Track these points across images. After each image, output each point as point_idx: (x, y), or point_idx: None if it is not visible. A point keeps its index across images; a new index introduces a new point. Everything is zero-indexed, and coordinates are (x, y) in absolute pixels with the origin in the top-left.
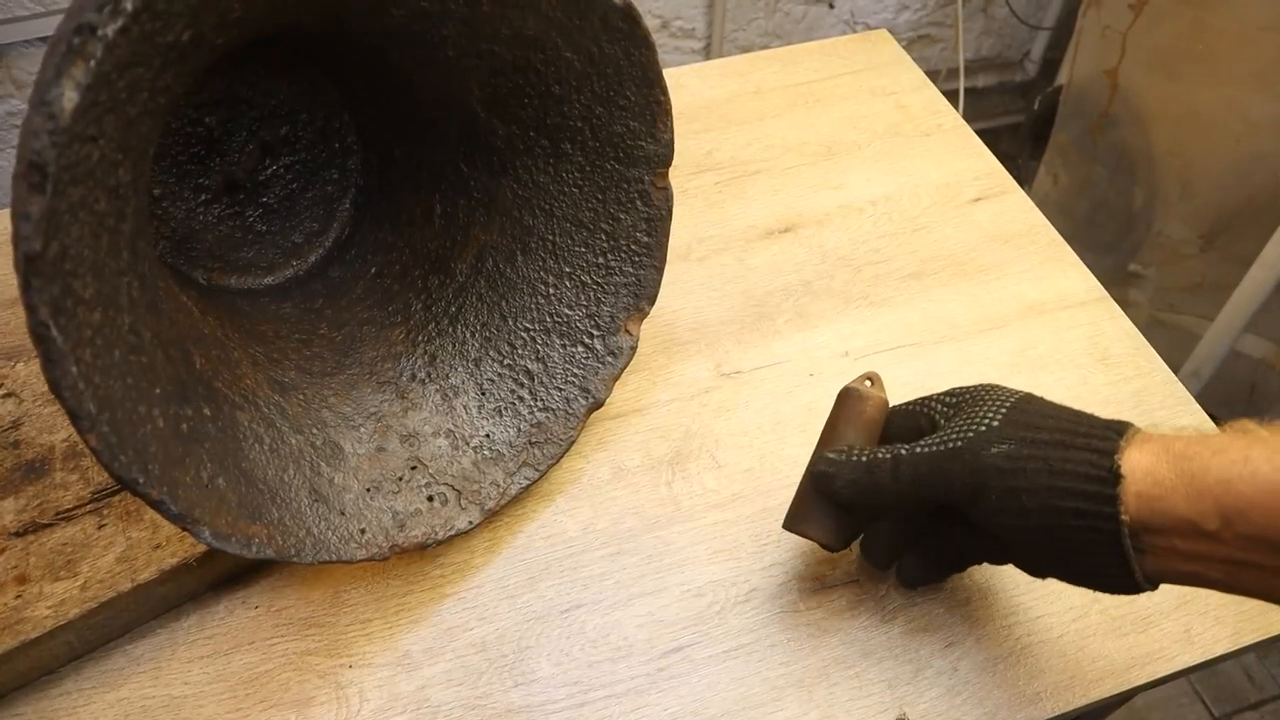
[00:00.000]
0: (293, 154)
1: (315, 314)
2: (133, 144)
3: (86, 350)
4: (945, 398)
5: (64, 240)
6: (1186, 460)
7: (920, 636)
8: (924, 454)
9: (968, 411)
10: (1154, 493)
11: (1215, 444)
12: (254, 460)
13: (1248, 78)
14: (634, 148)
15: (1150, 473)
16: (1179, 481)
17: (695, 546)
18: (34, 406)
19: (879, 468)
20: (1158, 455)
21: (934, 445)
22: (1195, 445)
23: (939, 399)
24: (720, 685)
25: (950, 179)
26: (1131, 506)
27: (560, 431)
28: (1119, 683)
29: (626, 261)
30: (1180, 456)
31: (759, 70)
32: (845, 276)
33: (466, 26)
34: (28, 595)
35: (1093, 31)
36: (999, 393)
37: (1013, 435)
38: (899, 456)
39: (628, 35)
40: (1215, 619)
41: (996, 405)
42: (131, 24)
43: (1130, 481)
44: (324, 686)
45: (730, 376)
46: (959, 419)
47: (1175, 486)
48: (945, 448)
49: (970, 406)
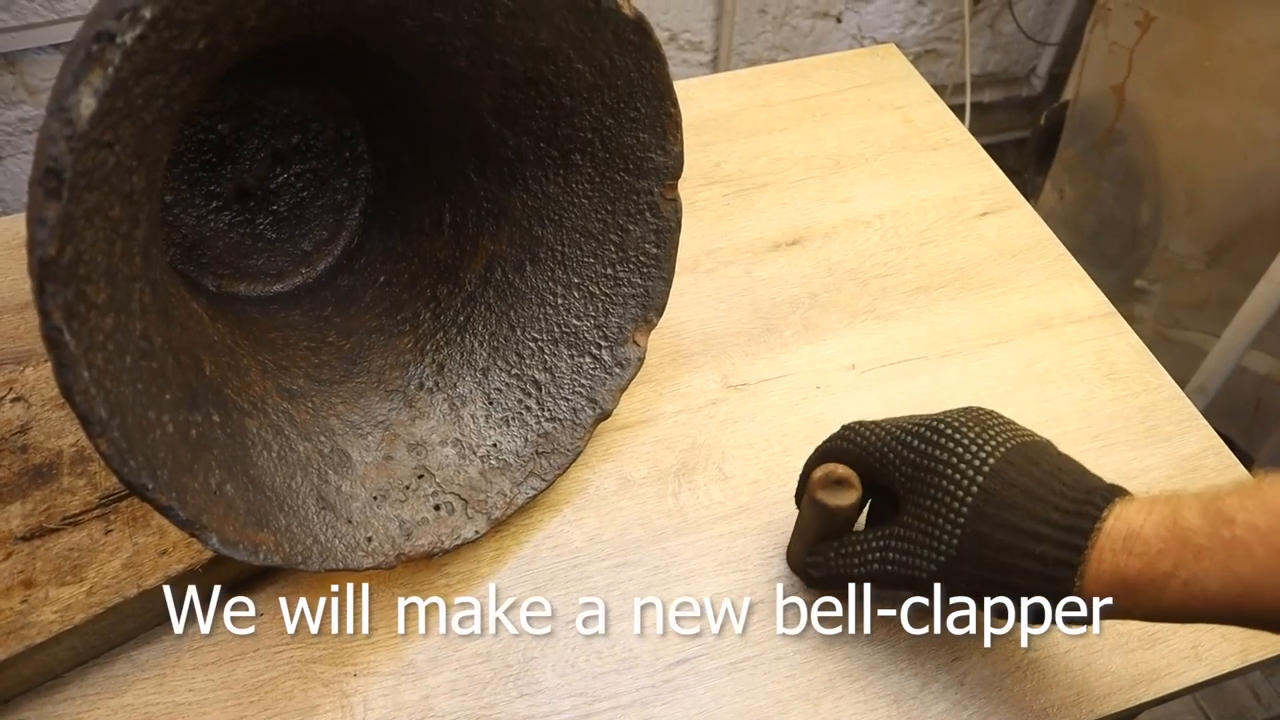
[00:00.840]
0: (303, 162)
1: (324, 322)
2: (147, 151)
3: (98, 355)
4: (905, 466)
5: (78, 245)
6: (1140, 593)
7: (926, 650)
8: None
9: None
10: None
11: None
12: (262, 467)
13: (1255, 94)
14: (644, 159)
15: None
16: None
17: (701, 558)
18: (43, 411)
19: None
20: (1115, 589)
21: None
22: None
23: (900, 458)
24: (725, 698)
25: (957, 193)
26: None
27: (567, 442)
28: (1126, 699)
29: (635, 273)
30: (1135, 589)
31: (767, 83)
32: (852, 289)
33: (479, 38)
34: (34, 600)
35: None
36: (958, 482)
37: (970, 573)
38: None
39: (639, 48)
40: (1223, 635)
41: (954, 515)
42: (150, 31)
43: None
44: (329, 695)
45: (737, 388)
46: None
47: (1136, 612)
48: (910, 574)
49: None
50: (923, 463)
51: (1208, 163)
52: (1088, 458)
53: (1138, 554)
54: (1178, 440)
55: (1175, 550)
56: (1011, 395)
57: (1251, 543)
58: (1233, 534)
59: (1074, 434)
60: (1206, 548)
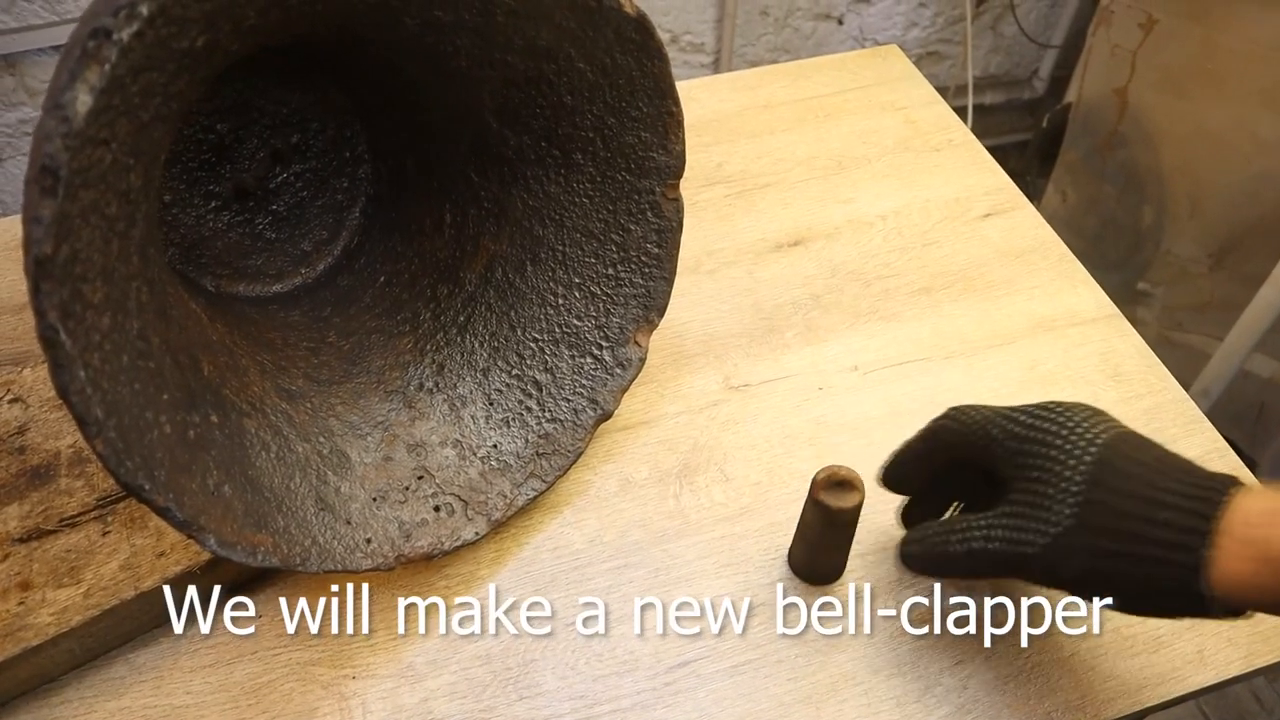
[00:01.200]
0: (303, 162)
1: (324, 322)
2: (145, 149)
3: (95, 355)
4: (1010, 433)
5: (74, 244)
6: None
7: (929, 653)
8: (998, 551)
9: (1039, 481)
10: (1256, 597)
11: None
12: (260, 468)
13: (1257, 97)
14: (645, 159)
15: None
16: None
17: (703, 560)
18: (40, 412)
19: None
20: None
21: (1013, 543)
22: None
23: (1002, 432)
24: (727, 700)
25: (960, 194)
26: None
27: (568, 443)
28: (1131, 703)
29: (636, 273)
30: None
31: (769, 84)
32: (855, 290)
33: (480, 37)
34: (30, 601)
35: (1102, 50)
36: (1069, 452)
37: (1089, 545)
38: (973, 552)
39: (641, 46)
40: (1228, 640)
41: (1067, 484)
42: (147, 29)
43: (1228, 590)
44: (327, 698)
45: (739, 389)
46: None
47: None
48: (1018, 551)
49: (1036, 465)
50: (1031, 436)
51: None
52: None
53: None
54: (1183, 443)
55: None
56: (1015, 397)
57: None
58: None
59: None
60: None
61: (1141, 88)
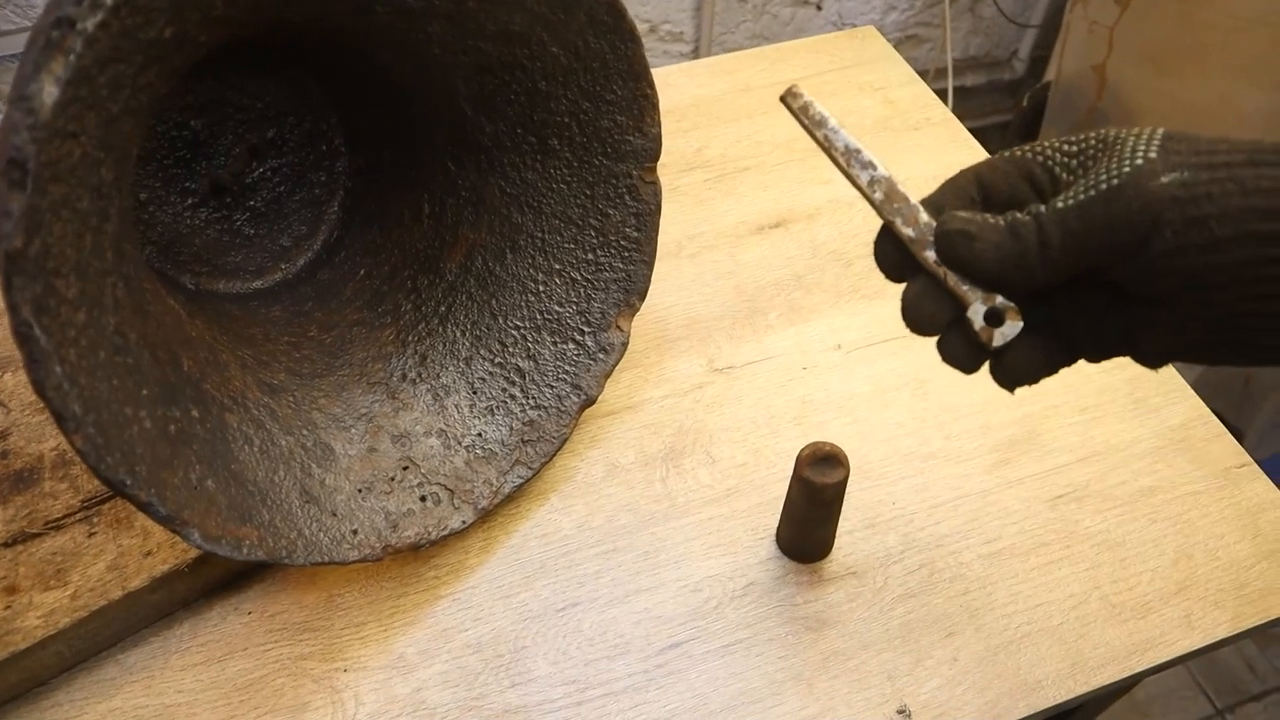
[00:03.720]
0: (280, 157)
1: (304, 316)
2: (115, 143)
3: (71, 350)
4: (1063, 147)
5: (46, 238)
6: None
7: (919, 627)
8: (1073, 205)
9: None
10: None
11: None
12: (244, 462)
13: (1237, 71)
14: (621, 142)
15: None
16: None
17: (691, 542)
18: (22, 416)
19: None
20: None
21: (1081, 194)
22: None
23: (1054, 148)
24: (719, 680)
25: (940, 172)
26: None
27: (553, 429)
28: (1120, 669)
29: (616, 257)
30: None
31: (747, 68)
32: (836, 270)
33: (452, 24)
34: (17, 605)
35: (1080, 27)
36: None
37: (1184, 162)
38: (1040, 215)
39: (613, 29)
40: (1215, 603)
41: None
42: (111, 18)
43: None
44: (319, 691)
45: (723, 372)
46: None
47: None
48: (1098, 191)
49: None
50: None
51: None
52: (1076, 430)
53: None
54: (1165, 411)
55: None
56: None
57: None
58: None
59: (1062, 407)
60: None
61: (1120, 64)
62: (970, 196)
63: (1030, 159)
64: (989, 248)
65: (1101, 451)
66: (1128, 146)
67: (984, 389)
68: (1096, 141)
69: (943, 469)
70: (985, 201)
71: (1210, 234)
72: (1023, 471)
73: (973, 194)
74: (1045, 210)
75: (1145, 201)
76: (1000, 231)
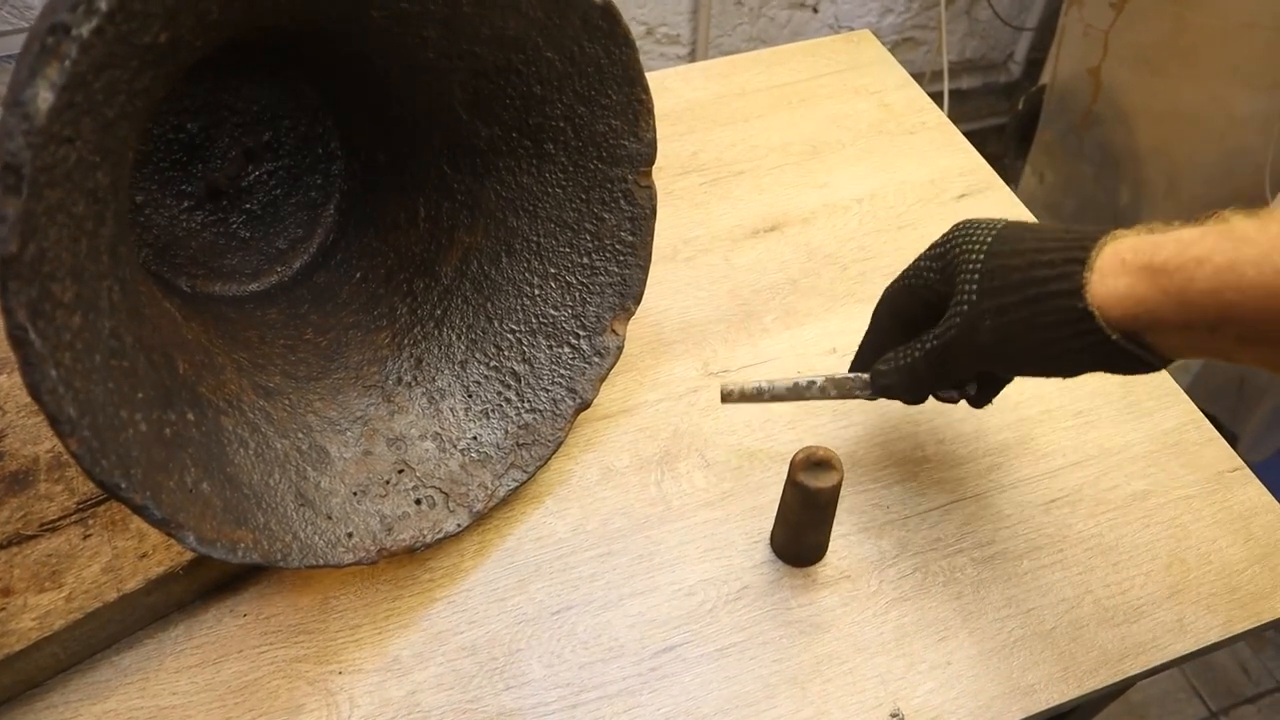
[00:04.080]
0: (276, 160)
1: (300, 319)
2: (111, 147)
3: (66, 354)
4: (932, 262)
5: (41, 243)
6: (1168, 275)
7: (913, 631)
8: (936, 348)
9: (952, 276)
10: (1140, 312)
11: (1197, 251)
12: (239, 465)
13: (1230, 73)
14: (616, 147)
15: (1131, 295)
16: (1164, 299)
17: (685, 545)
18: (17, 418)
19: (914, 369)
20: (1137, 276)
21: (938, 338)
22: (1177, 256)
23: (927, 264)
24: (713, 684)
25: (935, 176)
26: (1120, 325)
27: (548, 433)
28: (1113, 673)
29: (611, 261)
30: (1161, 272)
31: (743, 72)
32: (831, 274)
33: (447, 28)
34: (12, 607)
35: (1075, 30)
36: (972, 242)
37: (991, 305)
38: (914, 360)
39: (608, 34)
40: (1207, 607)
41: (972, 266)
42: (106, 24)
43: (1110, 307)
44: (314, 694)
45: (718, 375)
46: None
47: (1161, 303)
48: (946, 339)
49: (953, 268)
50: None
51: (1185, 143)
52: (1070, 434)
53: (1169, 243)
54: (1159, 415)
55: (1215, 238)
56: None
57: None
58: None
59: (1056, 411)
60: (1251, 238)
61: (1115, 67)
62: (887, 325)
63: (915, 284)
64: (895, 384)
65: (1095, 456)
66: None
67: None
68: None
69: (936, 473)
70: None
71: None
72: (1016, 475)
73: (887, 323)
74: (918, 355)
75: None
76: (899, 371)
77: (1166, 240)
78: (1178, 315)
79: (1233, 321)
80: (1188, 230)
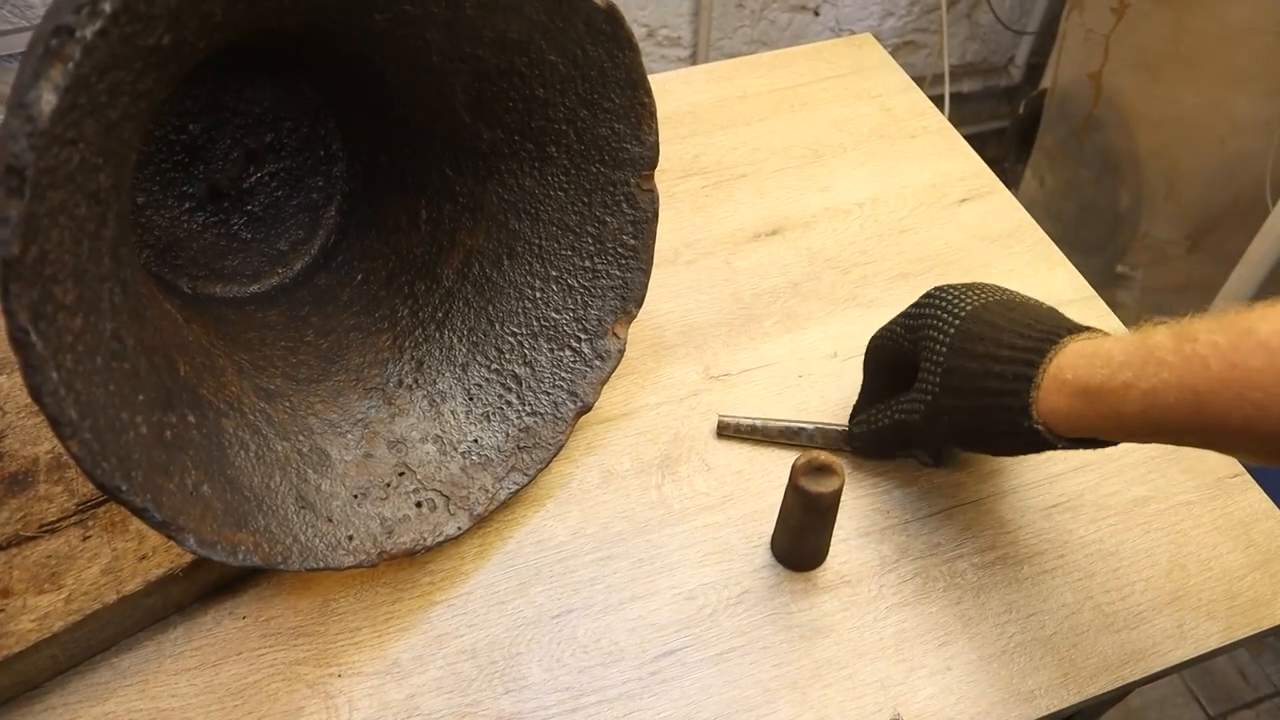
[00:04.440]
0: (277, 161)
1: (301, 321)
2: (114, 149)
3: (67, 356)
4: (904, 331)
5: (43, 245)
6: (1102, 399)
7: (913, 636)
8: (901, 422)
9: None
10: (1082, 425)
11: (1124, 376)
12: (239, 467)
13: (1230, 78)
14: (619, 150)
15: (1071, 414)
16: (1101, 419)
17: (686, 549)
18: (17, 419)
19: (881, 435)
20: (1075, 398)
21: (905, 414)
22: (1109, 381)
23: (901, 330)
24: (713, 688)
25: (936, 180)
26: (1065, 435)
27: (549, 436)
28: (1113, 679)
29: (613, 264)
30: (1096, 396)
31: (745, 75)
32: (833, 278)
33: (449, 31)
34: (11, 609)
35: (1076, 35)
36: (939, 324)
37: (949, 404)
38: (883, 427)
39: (611, 37)
40: (1207, 614)
41: (937, 356)
42: (110, 26)
43: (1055, 423)
44: (313, 696)
45: (719, 379)
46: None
47: (1100, 422)
48: (911, 420)
49: (921, 343)
50: (918, 324)
51: (1186, 147)
52: None
53: (1101, 366)
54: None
55: (1139, 363)
56: None
57: (1208, 357)
58: (1193, 349)
59: None
60: (1168, 361)
61: (1115, 72)
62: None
63: (889, 345)
64: (864, 446)
65: (1095, 461)
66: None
67: None
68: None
69: (937, 478)
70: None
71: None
72: (1017, 481)
73: (871, 372)
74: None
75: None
76: (867, 436)
77: (1098, 363)
78: (1116, 429)
79: (1164, 433)
80: (1116, 348)
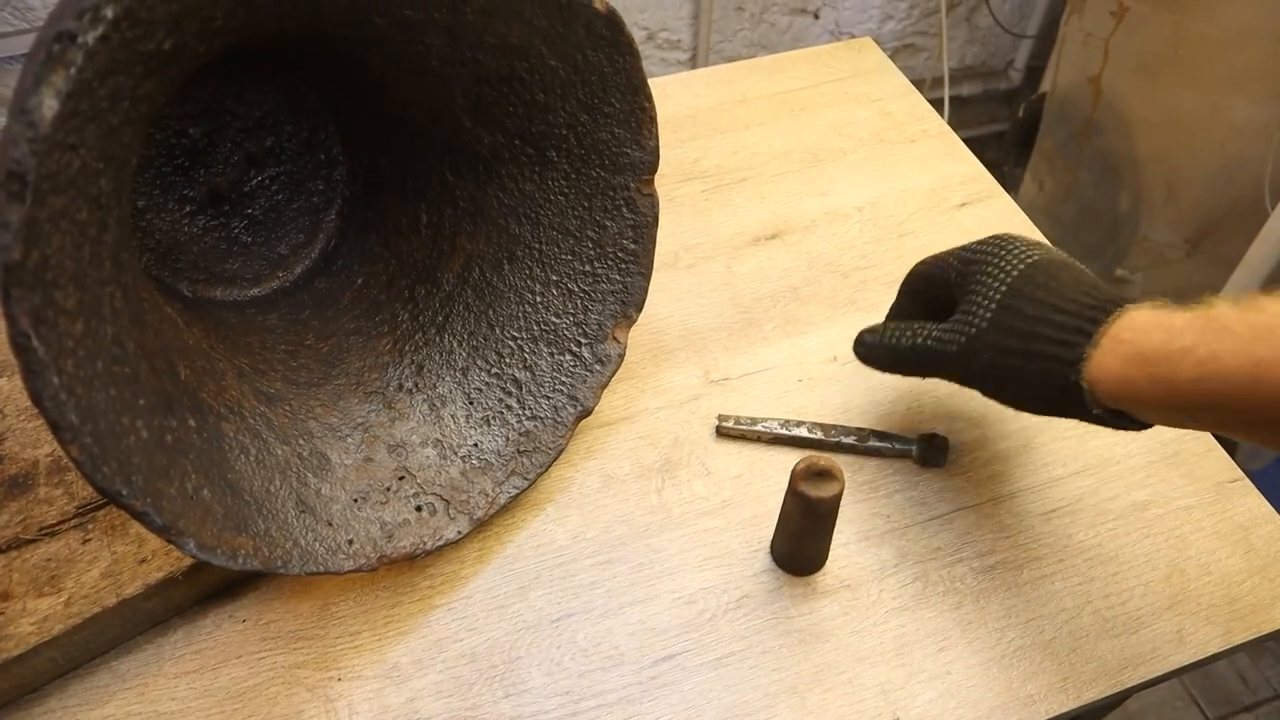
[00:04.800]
0: (278, 165)
1: (302, 325)
2: (115, 153)
3: (68, 361)
4: (959, 264)
5: (45, 250)
6: (1155, 365)
7: (913, 640)
8: (929, 349)
9: (968, 286)
10: (1127, 392)
11: (1183, 341)
12: (240, 471)
13: (1229, 82)
14: (619, 155)
15: (1121, 378)
16: (1152, 386)
17: (686, 554)
18: (17, 421)
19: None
20: (1128, 362)
21: (936, 341)
22: (1165, 345)
23: (954, 263)
24: (712, 693)
25: (936, 184)
26: (1103, 400)
27: (549, 440)
28: (1112, 684)
29: (613, 269)
30: (1150, 361)
31: (744, 79)
32: (832, 282)
33: (450, 35)
34: (11, 612)
35: (1075, 38)
36: (1001, 265)
37: (994, 341)
38: (902, 345)
39: (611, 42)
40: (1207, 619)
41: (992, 292)
42: (112, 31)
43: (1100, 385)
44: (313, 700)
45: (719, 383)
46: (967, 301)
47: (1148, 389)
48: (942, 350)
49: (973, 280)
50: (976, 258)
51: (1185, 151)
52: (1070, 443)
53: (1161, 330)
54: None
55: (1199, 328)
56: None
57: (1276, 328)
58: (1260, 319)
59: (1056, 421)
60: (1232, 329)
61: (1115, 75)
62: (904, 301)
63: (935, 275)
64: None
65: (1095, 466)
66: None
67: (979, 403)
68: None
69: (936, 482)
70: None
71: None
72: (1016, 485)
73: (905, 299)
74: (911, 339)
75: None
76: (883, 347)
77: (1159, 328)
78: (1163, 401)
79: (1211, 409)
80: (1178, 316)
